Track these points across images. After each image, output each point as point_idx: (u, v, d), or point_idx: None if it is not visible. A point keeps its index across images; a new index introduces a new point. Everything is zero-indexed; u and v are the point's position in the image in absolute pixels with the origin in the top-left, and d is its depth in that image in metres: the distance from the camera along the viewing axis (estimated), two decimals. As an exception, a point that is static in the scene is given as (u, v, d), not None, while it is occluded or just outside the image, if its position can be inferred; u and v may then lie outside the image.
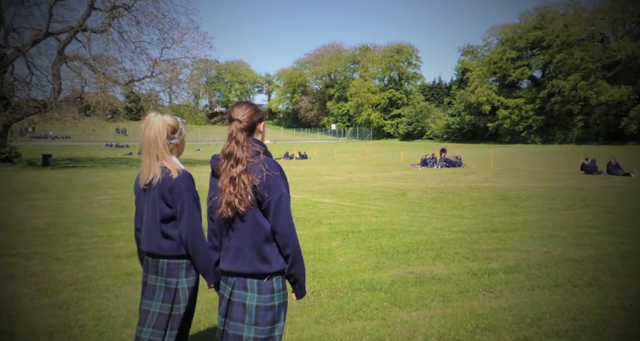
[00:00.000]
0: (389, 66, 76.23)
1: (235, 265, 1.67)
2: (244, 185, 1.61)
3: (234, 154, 1.65)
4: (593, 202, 8.88)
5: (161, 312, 1.91)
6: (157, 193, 1.92)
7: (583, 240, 5.59)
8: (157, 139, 1.91)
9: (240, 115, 1.72)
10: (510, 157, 27.46)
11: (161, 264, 1.93)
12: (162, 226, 1.93)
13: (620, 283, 3.88)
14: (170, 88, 23.10)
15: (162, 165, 1.93)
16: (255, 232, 1.65)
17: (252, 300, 1.65)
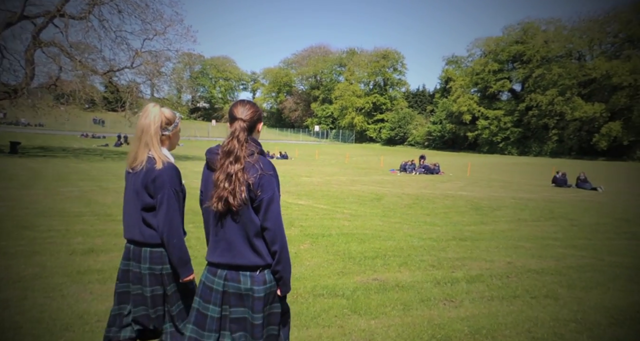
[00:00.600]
0: (374, 71, 76.89)
1: (226, 258, 1.73)
2: (239, 182, 1.67)
3: (234, 152, 1.70)
4: (560, 214, 9.11)
5: (154, 294, 1.97)
6: (140, 183, 1.95)
7: (546, 251, 5.70)
8: (150, 127, 1.95)
9: (243, 114, 1.77)
10: (487, 167, 28.04)
11: (144, 252, 1.97)
12: (144, 215, 1.96)
13: (575, 295, 3.96)
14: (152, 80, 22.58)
15: (150, 154, 1.95)
16: (248, 226, 1.71)
17: (248, 290, 1.73)
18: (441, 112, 63.44)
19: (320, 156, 36.55)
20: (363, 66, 77.66)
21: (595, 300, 3.84)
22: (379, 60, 76.23)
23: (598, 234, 7.07)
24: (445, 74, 68.70)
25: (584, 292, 4.05)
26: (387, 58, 76.42)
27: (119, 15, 18.76)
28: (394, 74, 78.52)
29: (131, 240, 2.02)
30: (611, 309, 3.62)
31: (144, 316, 2.01)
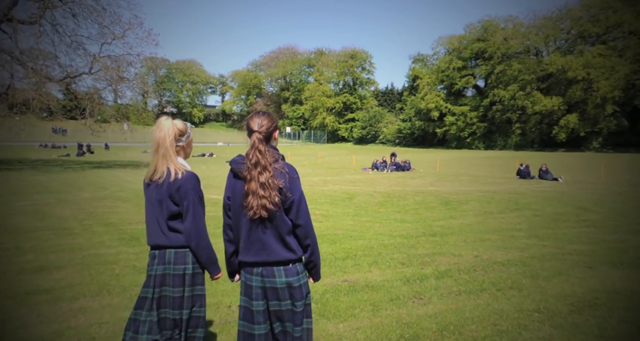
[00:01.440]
0: (343, 71, 77.44)
1: (261, 257, 1.92)
2: (272, 188, 1.86)
3: (260, 163, 1.88)
4: (524, 205, 9.41)
5: (175, 296, 2.08)
6: (165, 192, 2.08)
7: (511, 243, 5.85)
8: (165, 140, 2.10)
9: (258, 126, 1.94)
10: (455, 162, 28.75)
11: (168, 254, 2.10)
12: (169, 222, 2.10)
13: (538, 285, 4.06)
14: (113, 86, 21.75)
15: (169, 165, 2.09)
16: (280, 226, 1.91)
17: (283, 283, 1.93)
18: (410, 109, 64.63)
19: (292, 157, 36.40)
20: (332, 66, 78.06)
21: (557, 289, 3.95)
22: (347, 60, 76.84)
23: (559, 223, 7.34)
24: (412, 72, 70.05)
25: (546, 281, 4.16)
26: (355, 58, 77.16)
27: (73, 19, 17.93)
28: (362, 73, 79.36)
29: (156, 245, 2.14)
30: (571, 296, 3.73)
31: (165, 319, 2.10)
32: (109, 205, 9.40)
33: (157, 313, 2.11)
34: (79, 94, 20.83)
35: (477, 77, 59.34)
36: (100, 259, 5.00)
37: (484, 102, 54.98)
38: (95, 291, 3.90)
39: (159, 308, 2.11)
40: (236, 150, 45.91)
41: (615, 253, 5.24)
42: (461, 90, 61.06)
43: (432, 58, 67.11)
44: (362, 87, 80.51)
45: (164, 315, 2.11)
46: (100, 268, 4.64)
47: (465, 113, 56.22)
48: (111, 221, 7.46)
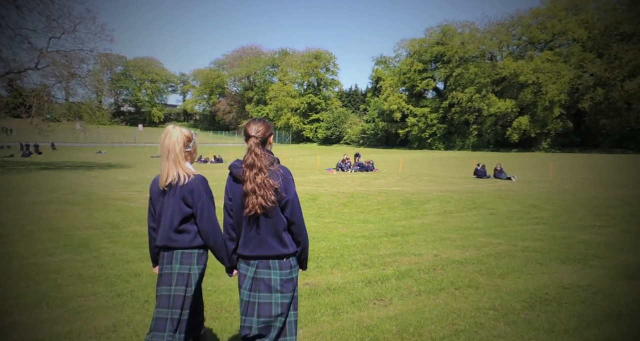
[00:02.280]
0: (308, 72, 77.52)
1: (259, 251, 2.09)
2: (266, 188, 2.01)
3: (256, 165, 2.04)
4: (481, 204, 9.76)
5: (177, 295, 2.20)
6: (178, 195, 2.21)
7: (469, 242, 6.02)
8: (175, 147, 2.24)
9: (255, 132, 2.11)
10: (417, 162, 29.52)
11: (176, 254, 2.24)
12: (180, 224, 2.23)
13: (494, 283, 4.18)
14: (63, 83, 20.47)
15: (179, 170, 2.22)
16: (277, 224, 2.08)
17: (277, 275, 2.09)
18: (374, 110, 65.72)
19: (256, 158, 35.88)
20: (296, 67, 77.94)
21: (511, 286, 4.08)
22: (311, 61, 76.99)
23: (512, 221, 7.66)
24: (375, 74, 71.27)
25: (501, 279, 4.30)
26: (320, 59, 77.46)
27: (17, 11, 16.69)
28: (327, 75, 79.81)
29: (164, 246, 2.27)
30: (524, 293, 3.86)
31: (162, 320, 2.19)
32: (56, 209, 8.81)
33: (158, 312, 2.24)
34: (25, 91, 19.45)
35: (437, 80, 61.34)
36: (41, 268, 4.63)
37: (444, 104, 56.91)
38: (32, 305, 3.59)
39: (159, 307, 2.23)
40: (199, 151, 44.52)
41: (563, 249, 5.52)
42: (422, 93, 62.88)
43: (394, 60, 68.64)
44: (326, 88, 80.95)
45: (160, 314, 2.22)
46: (40, 278, 4.30)
47: (426, 114, 57.93)
48: (57, 226, 6.98)
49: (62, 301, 3.68)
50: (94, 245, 5.83)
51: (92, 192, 12.00)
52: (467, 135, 55.25)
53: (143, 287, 4.13)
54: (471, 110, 53.27)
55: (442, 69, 57.92)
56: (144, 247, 5.77)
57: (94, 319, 3.34)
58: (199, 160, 29.34)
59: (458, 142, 55.85)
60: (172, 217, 2.23)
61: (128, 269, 4.71)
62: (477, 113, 53.22)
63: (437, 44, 58.59)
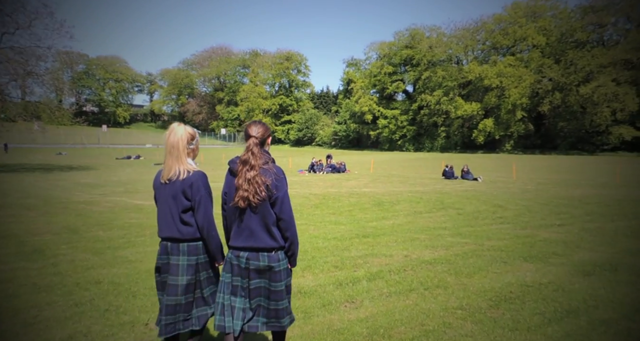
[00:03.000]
0: (279, 73, 77.21)
1: (249, 242, 2.25)
2: (258, 184, 2.18)
3: (249, 162, 2.22)
4: (449, 204, 10.00)
5: (183, 283, 2.37)
6: (178, 188, 2.36)
7: (437, 241, 6.13)
8: (178, 144, 2.39)
9: (255, 132, 2.30)
10: (387, 164, 29.97)
11: (182, 247, 2.38)
12: (182, 215, 2.37)
13: (461, 282, 4.26)
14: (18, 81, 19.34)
15: (181, 166, 2.38)
16: (266, 218, 2.23)
17: (265, 266, 2.26)
18: (345, 112, 66.27)
19: (227, 160, 35.32)
20: (267, 68, 77.43)
21: (478, 285, 4.17)
22: (282, 62, 76.72)
23: (479, 221, 7.88)
24: (346, 76, 71.97)
25: (468, 278, 4.39)
26: (291, 60, 77.33)
27: (-36, 3, 15.62)
28: (298, 76, 79.78)
29: (169, 237, 2.41)
30: (490, 292, 3.96)
31: (171, 306, 2.36)
32: (10, 213, 8.28)
33: (172, 298, 2.38)
34: (-26, 89, 18.23)
35: (406, 82, 62.69)
36: (-9, 280, 4.32)
37: (413, 106, 58.21)
38: (-20, 320, 3.33)
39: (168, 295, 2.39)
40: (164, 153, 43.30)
41: (526, 247, 5.72)
42: (392, 95, 64.04)
43: (364, 63, 69.58)
44: (298, 89, 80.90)
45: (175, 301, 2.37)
46: (-10, 290, 4.00)
47: (396, 116, 59.04)
48: (11, 232, 6.56)
49: (13, 313, 3.44)
50: (50, 251, 5.51)
51: (50, 195, 11.39)
52: (435, 137, 56.73)
53: (103, 295, 3.93)
54: (439, 112, 54.76)
55: (411, 72, 59.27)
56: (106, 253, 5.52)
57: (48, 331, 3.14)
58: (167, 162, 28.48)
59: (427, 143, 57.24)
60: (174, 210, 2.39)
61: (88, 276, 4.48)
62: (445, 116, 54.77)
63: (406, 47, 59.89)
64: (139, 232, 6.96)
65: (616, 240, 6.18)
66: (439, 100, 53.98)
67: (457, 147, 54.52)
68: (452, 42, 56.37)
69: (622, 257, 5.19)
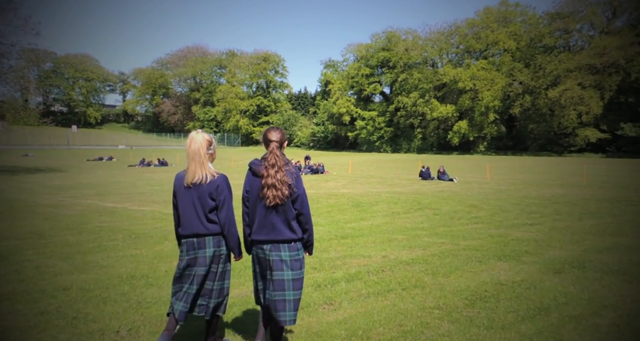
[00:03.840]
0: (256, 73, 76.59)
1: (271, 236, 2.53)
2: (283, 183, 2.47)
3: (277, 163, 2.51)
4: (425, 205, 10.16)
5: (213, 271, 2.71)
6: (205, 191, 2.64)
7: (415, 242, 6.20)
8: (199, 150, 2.65)
9: (275, 137, 2.58)
10: (366, 165, 30.20)
11: (208, 240, 2.68)
12: (208, 215, 2.66)
13: (438, 282, 4.32)
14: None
15: (204, 170, 2.65)
16: (287, 213, 2.52)
17: (287, 256, 2.55)
18: (323, 113, 66.40)
19: (203, 161, 34.70)
20: (244, 68, 76.67)
21: (454, 284, 4.24)
22: (260, 63, 76.16)
23: (454, 221, 8.03)
24: (324, 77, 72.09)
25: (444, 278, 4.45)
26: (268, 60, 76.85)
27: None
28: (276, 77, 79.36)
29: (195, 234, 2.68)
30: (465, 291, 4.03)
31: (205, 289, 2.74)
32: (-29, 220, 7.84)
33: (196, 287, 2.70)
34: None
35: (383, 84, 63.42)
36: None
37: (390, 108, 58.93)
38: None
39: (199, 284, 2.70)
40: (141, 153, 42.31)
41: (499, 246, 5.86)
42: (370, 96, 64.64)
43: (342, 64, 69.94)
44: (275, 90, 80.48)
45: (200, 287, 2.72)
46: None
47: (374, 118, 59.61)
48: (-29, 240, 6.20)
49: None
50: (14, 257, 5.25)
51: (15, 199, 10.88)
52: (412, 138, 57.61)
53: (71, 302, 3.76)
54: (415, 114, 55.67)
55: (388, 74, 60.02)
56: (75, 258, 5.32)
57: (11, 343, 2.97)
58: (140, 163, 27.79)
59: (404, 144, 58.06)
60: (200, 209, 2.67)
61: (54, 283, 4.28)
62: (421, 117, 55.72)
63: (383, 49, 60.62)
64: (111, 235, 6.73)
65: (584, 238, 6.43)
66: (415, 102, 54.87)
67: (433, 148, 55.54)
68: (427, 45, 57.45)
69: (590, 255, 5.39)
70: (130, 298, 3.90)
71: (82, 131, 70.34)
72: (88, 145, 56.10)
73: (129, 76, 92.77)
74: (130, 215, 8.75)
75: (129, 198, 11.69)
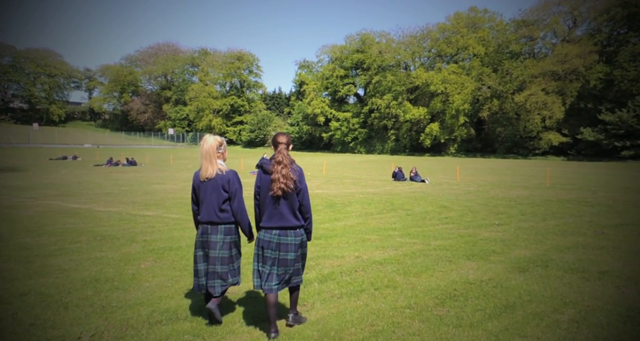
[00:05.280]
0: (230, 72, 75.57)
1: (280, 223, 3.07)
2: (290, 178, 3.01)
3: (283, 161, 3.03)
4: (398, 206, 10.31)
5: (224, 256, 3.24)
6: (218, 184, 3.17)
7: (387, 242, 6.27)
8: (210, 150, 3.19)
9: (283, 140, 3.12)
10: (340, 165, 30.36)
11: (220, 228, 3.22)
12: (221, 205, 3.19)
13: (410, 282, 4.38)
14: None
15: (214, 167, 3.18)
16: (293, 204, 3.07)
17: (292, 240, 3.11)
18: (297, 114, 66.29)
19: (175, 161, 33.92)
20: (217, 67, 75.46)
21: (425, 284, 4.31)
22: (233, 62, 75.20)
23: (426, 221, 8.19)
24: (298, 78, 71.99)
25: (416, 277, 4.52)
26: (242, 60, 76.00)
27: None
28: (250, 76, 78.60)
29: (210, 221, 3.22)
30: (436, 290, 4.11)
31: (214, 272, 3.25)
32: None
33: (209, 267, 3.26)
34: None
35: (357, 86, 63.97)
36: None
37: (364, 109, 59.53)
38: None
39: (211, 264, 3.25)
40: (108, 152, 40.79)
41: (468, 246, 6.02)
42: (344, 98, 65.08)
43: (317, 65, 70.07)
44: (250, 90, 79.69)
45: (213, 269, 3.25)
46: None
47: (348, 119, 60.04)
48: None
49: None
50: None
51: None
52: (385, 140, 58.40)
53: (29, 308, 3.57)
54: (389, 115, 56.47)
55: (362, 76, 60.62)
56: (34, 261, 5.06)
57: (-39, 355, 2.78)
58: (108, 163, 26.80)
59: (378, 146, 58.77)
60: (215, 200, 3.19)
61: (11, 288, 4.05)
62: (395, 119, 56.59)
63: (357, 51, 61.17)
64: (74, 237, 6.45)
65: (546, 237, 6.70)
66: (389, 104, 55.67)
67: (406, 150, 56.52)
68: (400, 48, 58.40)
69: (552, 254, 5.63)
70: (94, 303, 3.74)
71: (45, 129, 67.13)
72: (51, 143, 53.58)
73: (95, 73, 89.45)
74: (96, 217, 8.42)
75: (94, 198, 11.24)
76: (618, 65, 41.22)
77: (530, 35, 49.54)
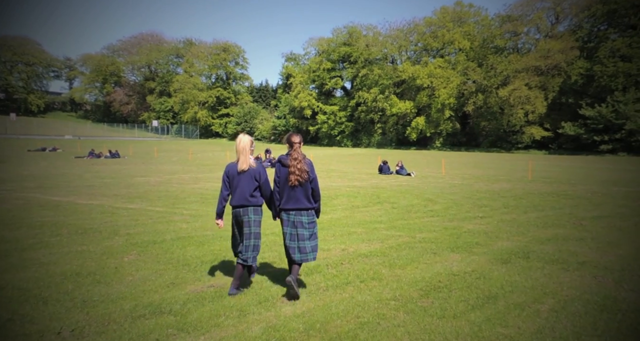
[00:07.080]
0: (215, 64, 74.42)
1: (297, 205, 3.83)
2: (304, 171, 3.79)
3: (297, 158, 3.80)
4: (384, 199, 10.37)
5: (254, 231, 3.95)
6: (251, 175, 3.91)
7: (373, 235, 6.31)
8: (246, 147, 3.94)
9: (298, 140, 3.89)
10: (327, 159, 30.35)
11: (250, 210, 3.93)
12: (253, 191, 3.91)
13: (395, 274, 4.42)
14: None
15: (248, 161, 3.92)
16: (306, 191, 3.84)
17: (306, 220, 3.87)
18: (284, 107, 65.83)
19: (160, 153, 33.39)
20: (203, 58, 74.19)
21: (410, 276, 4.36)
22: (219, 53, 74.01)
23: (411, 214, 8.27)
24: (285, 70, 71.35)
25: (401, 270, 4.57)
26: (228, 51, 74.86)
27: None
28: (236, 68, 77.54)
29: (241, 205, 3.92)
30: (421, 282, 4.16)
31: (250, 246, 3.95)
32: None
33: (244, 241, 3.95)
34: None
35: (344, 79, 63.74)
36: None
37: (351, 102, 59.46)
38: None
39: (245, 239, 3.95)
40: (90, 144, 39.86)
41: (453, 238, 6.10)
42: (331, 91, 64.83)
43: (303, 58, 69.55)
44: (236, 82, 78.68)
45: (248, 243, 3.93)
46: None
47: (335, 112, 59.92)
48: None
49: None
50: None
51: None
52: (372, 133, 58.56)
53: (6, 303, 3.48)
54: (375, 109, 56.57)
55: (349, 69, 60.40)
56: (12, 255, 4.95)
57: None
58: (90, 155, 26.19)
59: (364, 139, 58.91)
60: (247, 188, 3.89)
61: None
62: (381, 113, 56.72)
63: (344, 44, 60.88)
64: (54, 231, 6.30)
65: (528, 230, 6.84)
66: (376, 97, 55.72)
67: (392, 144, 56.81)
68: (387, 42, 58.35)
69: (533, 246, 5.75)
70: (75, 297, 3.67)
71: (23, 119, 65.15)
72: (29, 134, 52.06)
73: (76, 62, 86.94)
74: (77, 209, 8.23)
75: (75, 191, 10.99)
76: (598, 61, 42.08)
77: (514, 31, 50.10)
